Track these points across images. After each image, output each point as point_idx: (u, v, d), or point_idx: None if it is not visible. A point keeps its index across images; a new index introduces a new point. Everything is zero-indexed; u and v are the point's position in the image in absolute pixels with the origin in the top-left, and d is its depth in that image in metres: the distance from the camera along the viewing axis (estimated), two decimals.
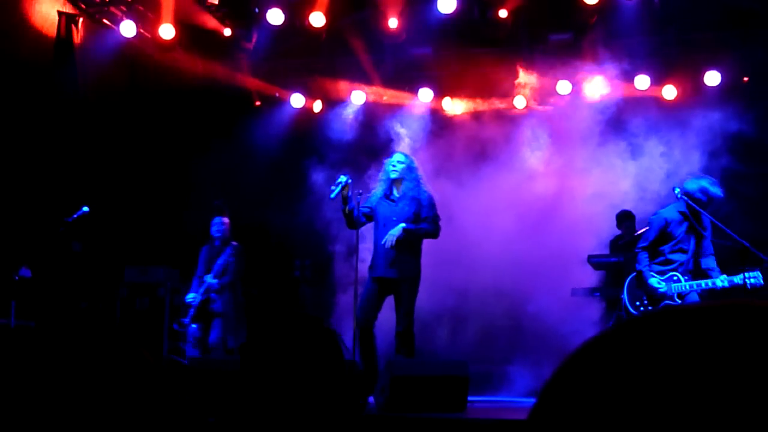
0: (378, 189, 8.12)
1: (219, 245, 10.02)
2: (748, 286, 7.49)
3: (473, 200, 11.21)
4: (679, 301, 7.68)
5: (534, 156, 11.70)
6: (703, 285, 7.66)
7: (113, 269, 11.32)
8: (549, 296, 10.35)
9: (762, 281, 7.46)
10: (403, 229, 7.68)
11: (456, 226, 10.40)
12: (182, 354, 10.94)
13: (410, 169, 7.93)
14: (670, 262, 7.83)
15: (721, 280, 7.60)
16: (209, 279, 9.85)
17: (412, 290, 7.79)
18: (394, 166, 7.89)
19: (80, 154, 11.08)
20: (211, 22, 11.50)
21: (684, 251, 7.83)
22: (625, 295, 8.04)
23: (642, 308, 7.83)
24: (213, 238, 10.11)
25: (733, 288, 7.68)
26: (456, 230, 10.30)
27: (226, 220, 10.17)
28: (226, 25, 11.57)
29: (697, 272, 7.85)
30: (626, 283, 8.08)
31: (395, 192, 7.96)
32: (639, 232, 9.23)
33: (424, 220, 7.86)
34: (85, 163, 11.13)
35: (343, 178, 7.84)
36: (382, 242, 7.79)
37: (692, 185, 7.78)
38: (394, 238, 7.65)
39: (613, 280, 10.08)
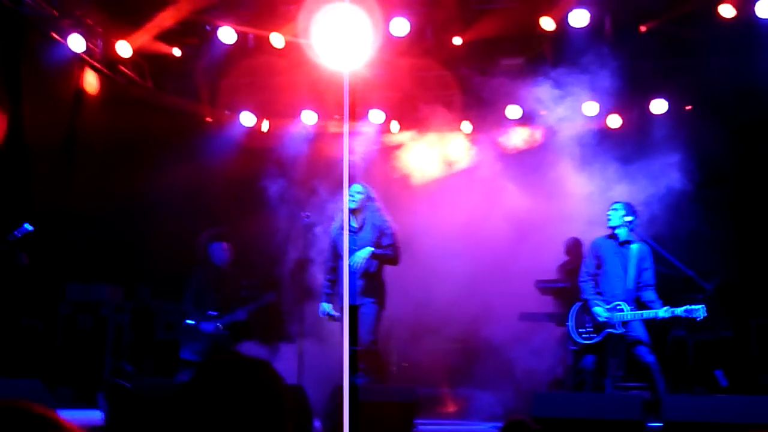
0: (336, 221, 8.17)
1: (223, 271, 9.97)
2: (690, 317, 7.59)
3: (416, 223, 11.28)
4: (623, 330, 7.71)
5: (482, 180, 11.80)
6: (645, 315, 7.74)
7: (56, 286, 11.12)
8: (503, 320, 10.41)
9: (704, 314, 7.55)
10: (371, 252, 7.75)
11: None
12: (125, 375, 10.75)
13: (368, 198, 8.08)
14: (606, 290, 7.94)
15: (664, 311, 7.66)
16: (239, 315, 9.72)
17: (373, 311, 7.86)
18: (352, 196, 7.94)
19: (24, 168, 10.86)
20: (161, 41, 11.36)
21: (619, 279, 7.89)
22: (570, 323, 8.09)
23: (585, 335, 7.89)
24: (213, 264, 9.99)
25: (674, 319, 7.81)
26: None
27: (225, 245, 10.12)
28: (176, 45, 11.43)
29: (638, 302, 7.92)
30: (571, 311, 8.12)
31: (354, 222, 8.03)
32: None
33: (386, 248, 7.95)
34: (29, 178, 10.91)
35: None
36: (351, 264, 7.80)
37: (614, 212, 7.97)
38: (363, 260, 7.73)
39: (561, 305, 10.15)
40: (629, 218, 7.87)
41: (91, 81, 11.92)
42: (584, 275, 8.05)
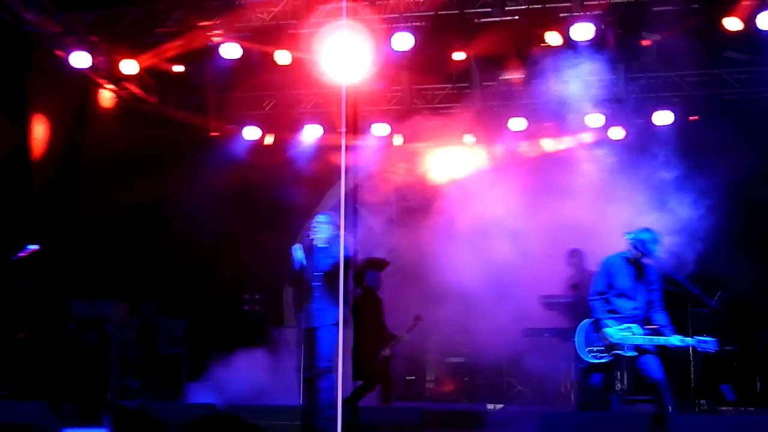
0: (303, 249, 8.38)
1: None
2: (699, 350, 7.58)
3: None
4: (635, 353, 7.70)
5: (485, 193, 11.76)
6: (656, 341, 7.66)
7: (61, 303, 11.07)
8: (509, 335, 10.44)
9: (715, 348, 7.52)
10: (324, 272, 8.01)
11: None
12: (130, 392, 10.73)
13: (331, 226, 8.25)
14: (617, 309, 7.81)
15: (676, 339, 7.61)
16: None
17: (327, 336, 7.91)
18: (314, 226, 8.23)
19: (28, 184, 10.86)
20: (166, 57, 11.36)
21: (630, 299, 7.83)
22: (577, 340, 7.99)
23: (594, 355, 7.82)
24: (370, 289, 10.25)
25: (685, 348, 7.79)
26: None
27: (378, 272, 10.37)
28: (180, 61, 11.41)
29: (648, 325, 7.81)
30: (580, 328, 8.01)
31: (317, 248, 8.23)
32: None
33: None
34: (33, 194, 10.92)
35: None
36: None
37: (636, 236, 7.84)
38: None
39: (567, 320, 10.12)
40: (641, 237, 7.82)
41: (95, 97, 11.91)
42: (594, 294, 7.98)
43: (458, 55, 10.90)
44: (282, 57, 10.90)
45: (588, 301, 7.98)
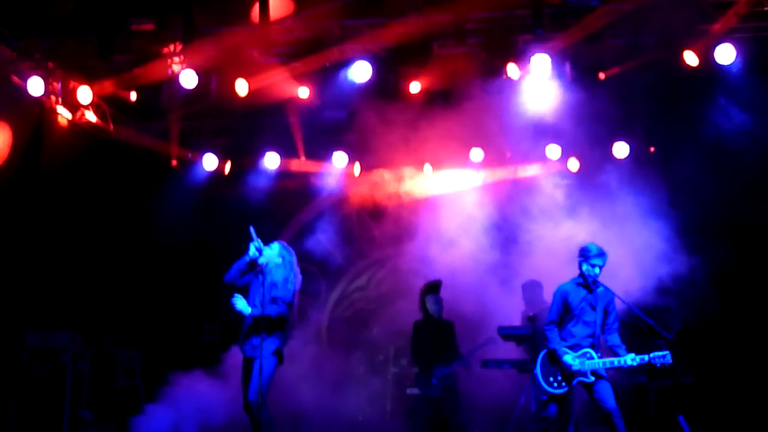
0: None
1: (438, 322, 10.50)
2: (657, 365, 7.67)
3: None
4: (593, 379, 7.75)
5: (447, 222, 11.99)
6: (616, 363, 7.73)
7: (15, 334, 10.95)
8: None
9: (671, 360, 7.62)
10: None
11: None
12: (84, 424, 10.63)
13: (279, 255, 8.22)
14: (573, 335, 7.89)
15: (632, 359, 7.69)
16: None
17: (264, 367, 7.79)
18: (262, 250, 8.11)
19: None
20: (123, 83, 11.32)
21: (585, 324, 7.89)
22: (538, 371, 8.03)
23: (556, 384, 7.86)
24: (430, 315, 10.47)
25: (642, 366, 7.85)
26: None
27: (438, 297, 10.52)
28: (136, 87, 11.39)
29: (603, 347, 7.91)
30: (539, 359, 8.06)
31: (264, 275, 8.13)
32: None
33: (285, 303, 8.07)
34: None
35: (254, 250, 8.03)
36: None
37: (580, 256, 7.98)
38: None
39: (524, 351, 10.18)
40: (598, 262, 7.93)
41: (52, 124, 11.81)
42: (548, 323, 8.03)
43: (415, 86, 10.93)
44: (241, 87, 10.91)
45: (543, 331, 8.03)
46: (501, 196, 12.09)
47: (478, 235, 11.73)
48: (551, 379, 7.90)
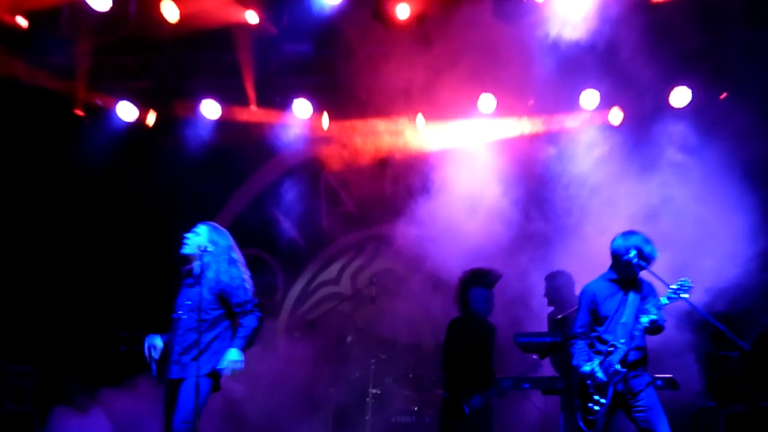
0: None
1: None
2: (679, 296, 7.60)
3: None
4: (624, 369, 7.76)
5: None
6: (644, 322, 7.69)
7: None
8: None
9: (690, 285, 7.58)
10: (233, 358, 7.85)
11: None
12: None
13: (212, 243, 8.16)
14: (604, 341, 7.91)
15: (654, 309, 7.66)
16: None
17: (191, 390, 7.80)
18: (187, 239, 8.16)
19: None
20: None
21: (623, 326, 7.87)
22: (577, 399, 8.00)
23: (592, 404, 7.83)
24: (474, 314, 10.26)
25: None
26: None
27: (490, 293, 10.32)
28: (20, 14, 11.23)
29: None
30: (574, 389, 8.07)
31: (193, 271, 8.17)
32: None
33: (236, 308, 8.01)
34: None
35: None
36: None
37: (619, 243, 7.93)
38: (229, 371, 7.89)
39: (553, 366, 10.21)
40: (632, 254, 7.86)
41: None
42: (572, 335, 8.17)
43: (403, 10, 10.87)
44: (170, 10, 10.79)
45: (568, 344, 8.10)
46: (520, 157, 12.17)
47: (488, 209, 11.81)
48: (590, 405, 7.90)
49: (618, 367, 7.73)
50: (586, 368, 7.84)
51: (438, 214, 11.89)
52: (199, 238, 8.13)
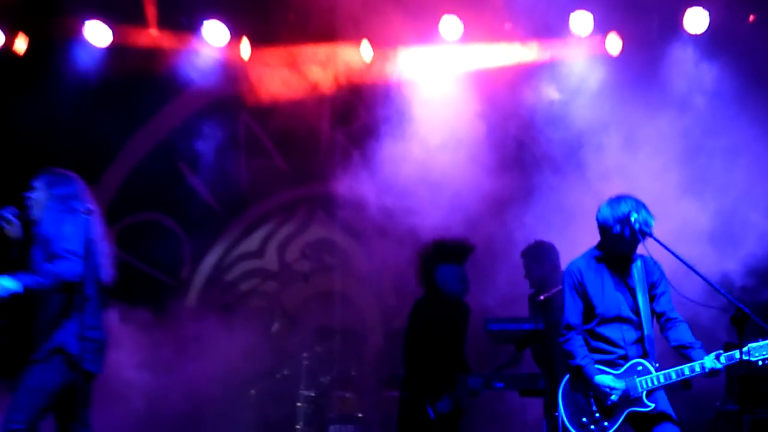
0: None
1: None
2: (759, 363, 7.43)
3: None
4: (652, 406, 7.63)
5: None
6: (688, 371, 7.56)
7: None
8: None
9: None
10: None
11: None
12: None
13: (46, 195, 8.30)
14: (607, 341, 7.81)
15: (711, 361, 7.45)
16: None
17: (28, 377, 7.90)
18: (29, 199, 8.32)
19: None
20: None
21: (625, 320, 7.82)
22: (563, 411, 7.90)
23: (594, 427, 7.72)
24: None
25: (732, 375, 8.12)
26: None
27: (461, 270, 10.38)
28: None
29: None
30: (561, 389, 7.95)
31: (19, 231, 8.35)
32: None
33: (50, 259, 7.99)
34: None
35: None
36: None
37: (606, 214, 7.82)
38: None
39: (535, 359, 10.13)
40: (633, 217, 7.71)
41: None
42: (564, 328, 8.01)
43: None
44: None
45: (560, 340, 7.94)
46: (498, 94, 12.14)
47: (452, 159, 11.78)
48: (584, 419, 7.83)
49: (644, 397, 7.64)
50: (603, 381, 7.68)
51: (388, 168, 11.85)
52: (38, 194, 8.23)
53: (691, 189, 10.33)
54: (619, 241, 7.75)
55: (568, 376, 7.94)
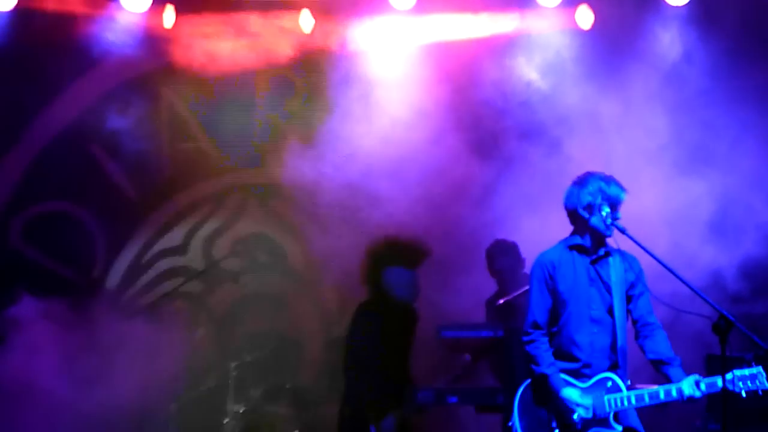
0: None
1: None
2: (743, 394, 7.49)
3: None
4: (619, 429, 7.66)
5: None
6: (663, 395, 7.57)
7: None
8: None
9: (765, 386, 7.44)
10: None
11: None
12: None
13: None
14: (573, 345, 7.83)
15: (693, 384, 7.48)
16: None
17: None
18: None
19: None
20: None
21: (596, 322, 7.82)
22: (516, 420, 7.92)
23: None
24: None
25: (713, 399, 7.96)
26: None
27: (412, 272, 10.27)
28: None
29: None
30: (517, 398, 7.97)
31: None
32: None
33: None
34: None
35: None
36: None
37: (574, 195, 7.86)
38: None
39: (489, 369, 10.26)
40: (606, 210, 7.76)
41: None
42: (528, 327, 7.96)
43: None
44: None
45: (524, 340, 7.92)
46: (455, 71, 12.23)
47: (408, 141, 11.89)
48: None
49: (611, 418, 7.65)
50: (569, 396, 7.68)
51: (331, 153, 12.01)
52: None
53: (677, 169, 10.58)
54: (593, 226, 7.78)
55: (527, 381, 7.90)
